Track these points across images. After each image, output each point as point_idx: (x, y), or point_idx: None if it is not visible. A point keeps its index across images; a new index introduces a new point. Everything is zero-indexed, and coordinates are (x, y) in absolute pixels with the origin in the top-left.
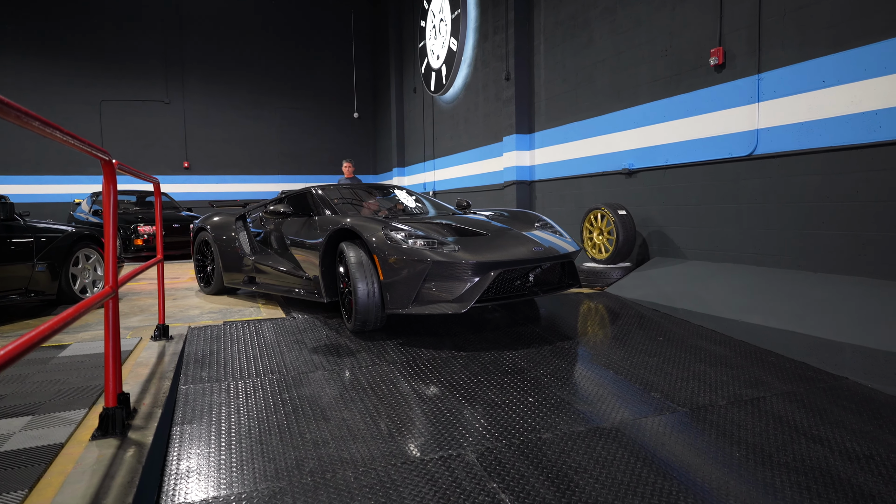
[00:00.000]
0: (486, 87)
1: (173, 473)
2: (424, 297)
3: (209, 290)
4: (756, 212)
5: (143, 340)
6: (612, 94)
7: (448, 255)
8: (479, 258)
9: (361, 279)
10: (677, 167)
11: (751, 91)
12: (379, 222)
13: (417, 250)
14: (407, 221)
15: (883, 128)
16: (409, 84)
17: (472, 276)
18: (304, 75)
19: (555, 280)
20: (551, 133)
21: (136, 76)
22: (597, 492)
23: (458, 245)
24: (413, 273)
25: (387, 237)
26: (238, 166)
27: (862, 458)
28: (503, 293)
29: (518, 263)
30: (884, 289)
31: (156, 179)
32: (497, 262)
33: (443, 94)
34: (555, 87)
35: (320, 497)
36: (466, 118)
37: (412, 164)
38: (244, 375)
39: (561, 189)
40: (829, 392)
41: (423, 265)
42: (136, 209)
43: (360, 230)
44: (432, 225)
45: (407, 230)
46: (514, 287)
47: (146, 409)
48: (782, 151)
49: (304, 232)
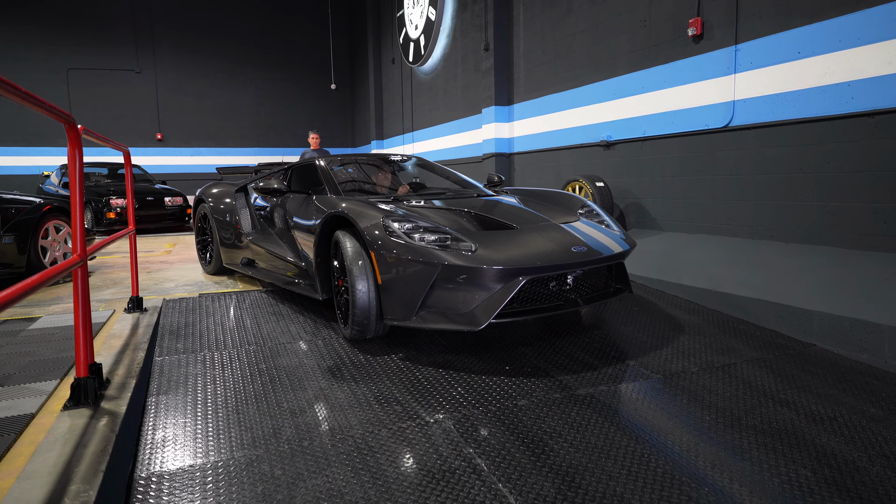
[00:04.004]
0: (465, 58)
1: (149, 443)
2: (431, 307)
3: (209, 269)
4: (731, 183)
5: (117, 313)
6: (591, 65)
7: (463, 257)
8: (504, 261)
9: (361, 277)
10: (654, 139)
11: (728, 62)
12: (378, 209)
13: (424, 249)
14: (417, 208)
15: (855, 99)
16: (388, 55)
17: (494, 283)
18: (280, 44)
19: (599, 284)
20: (530, 105)
21: (104, 43)
22: (571, 455)
23: (478, 242)
24: (417, 277)
25: (386, 229)
26: (213, 138)
27: (826, 419)
28: (532, 305)
29: (553, 269)
30: (851, 258)
31: (125, 147)
32: (526, 268)
33: (421, 64)
34: (534, 57)
35: (297, 464)
36: (445, 90)
37: (391, 137)
38: (220, 347)
39: (540, 161)
40: (797, 358)
41: (430, 268)
42: (108, 182)
43: (355, 218)
44: (448, 213)
45: (413, 221)
46: (547, 296)
47: (119, 380)
48: (757, 123)
49: (303, 213)
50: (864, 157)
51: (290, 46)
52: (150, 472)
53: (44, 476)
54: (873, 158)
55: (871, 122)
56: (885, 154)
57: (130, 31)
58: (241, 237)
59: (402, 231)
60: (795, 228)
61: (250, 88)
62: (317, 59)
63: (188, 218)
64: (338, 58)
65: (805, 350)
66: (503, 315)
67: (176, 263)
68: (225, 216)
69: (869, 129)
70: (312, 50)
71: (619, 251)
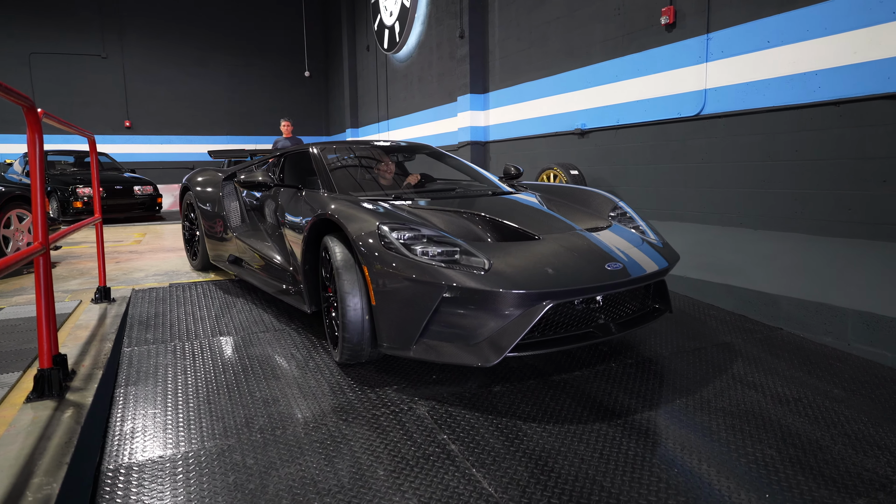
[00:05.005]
0: (440, 46)
1: (116, 434)
2: (434, 335)
3: (196, 264)
4: (703, 171)
5: (83, 303)
6: (566, 53)
7: (474, 277)
8: (524, 283)
9: (353, 292)
10: (628, 127)
11: (700, 51)
12: (373, 212)
13: (426, 265)
14: (420, 210)
15: (822, 88)
16: (362, 42)
17: (511, 309)
18: (253, 31)
19: (635, 303)
20: (506, 93)
21: (69, 28)
22: (544, 440)
23: (492, 257)
24: (418, 299)
25: (382, 239)
26: (184, 126)
27: (791, 401)
28: (555, 334)
29: (583, 292)
30: (817, 244)
31: (90, 133)
32: (551, 291)
33: (396, 52)
34: (509, 45)
35: (270, 453)
36: (420, 77)
37: (366, 125)
38: (192, 337)
39: (515, 149)
40: (764, 342)
41: (433, 290)
42: (75, 170)
43: (345, 224)
44: (457, 216)
45: (414, 229)
46: (573, 320)
47: (86, 371)
48: (728, 111)
49: (292, 209)
50: (829, 145)
51: (262, 32)
52: (118, 464)
53: (4, 469)
54: (838, 147)
55: (836, 111)
56: (849, 143)
57: (96, 16)
58: (227, 231)
59: (400, 241)
60: (764, 215)
61: (222, 75)
62: (290, 45)
63: (158, 207)
64: (311, 44)
65: (772, 334)
66: (521, 347)
67: (146, 253)
68: (211, 207)
69: (834, 118)
70: (286, 36)
71: (661, 268)
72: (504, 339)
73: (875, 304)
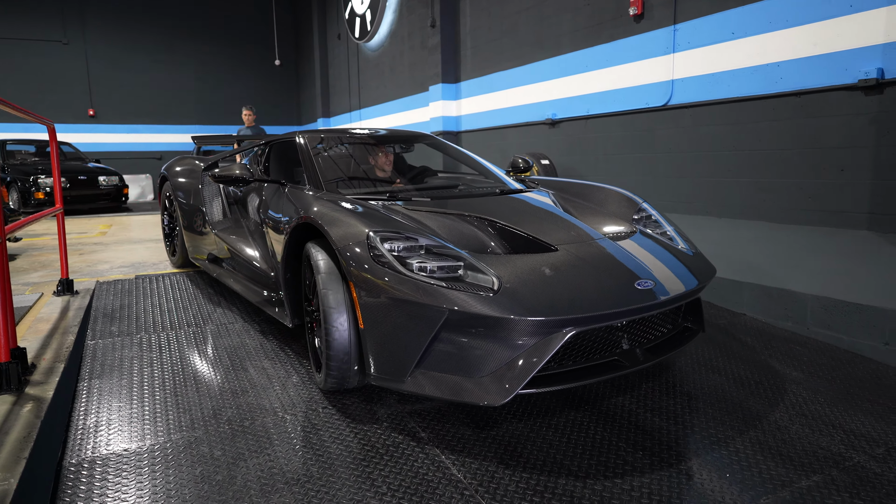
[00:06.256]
0: (411, 35)
1: (79, 428)
2: (432, 366)
3: (175, 261)
4: (670, 161)
5: (45, 296)
6: (537, 43)
7: (481, 300)
8: (540, 307)
9: (338, 308)
10: (597, 117)
11: (667, 42)
12: (363, 217)
13: (424, 284)
14: (418, 212)
15: (784, 79)
16: (333, 30)
17: (524, 338)
18: (221, 18)
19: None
20: (477, 82)
21: (26, 12)
22: (513, 426)
23: (502, 273)
24: (414, 325)
25: (371, 251)
26: (151, 115)
27: (753, 384)
28: (574, 364)
29: (609, 318)
30: (779, 231)
31: (49, 121)
32: (574, 318)
33: (368, 41)
34: (481, 35)
35: (238, 444)
36: (392, 67)
37: (338, 115)
38: (158, 329)
39: (486, 139)
40: (728, 327)
41: (431, 314)
42: (36, 160)
43: (329, 231)
44: (461, 221)
45: (411, 238)
46: (594, 345)
47: (46, 365)
48: (694, 102)
49: (275, 206)
50: (791, 135)
51: (231, 20)
52: (80, 459)
53: None
54: (799, 137)
55: (797, 102)
56: (810, 132)
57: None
58: (207, 226)
59: (393, 254)
60: (729, 204)
61: (190, 63)
62: (260, 33)
63: (125, 198)
64: (281, 33)
65: (736, 320)
66: (535, 382)
67: (112, 245)
68: (190, 199)
69: (796, 109)
70: (255, 24)
71: (697, 285)
72: (515, 374)
73: (833, 290)
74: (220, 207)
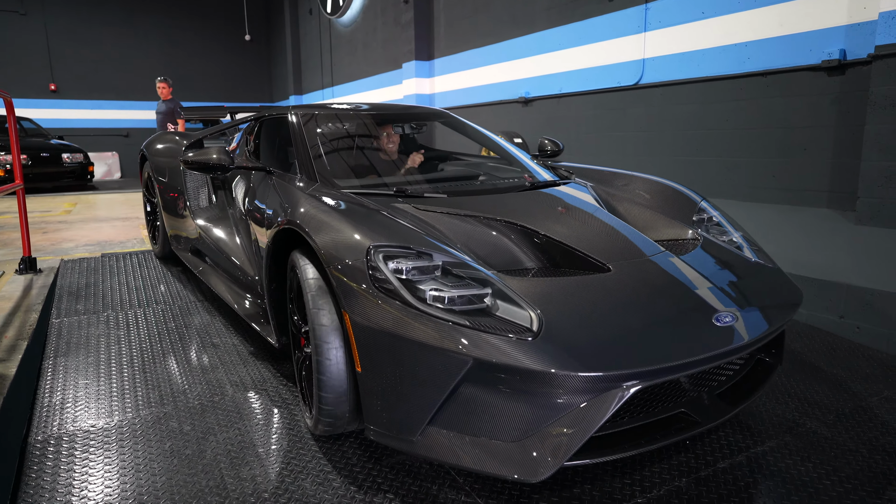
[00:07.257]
0: (384, 11)
1: (45, 405)
2: (451, 423)
3: (157, 250)
4: (641, 140)
5: (7, 275)
6: (510, 20)
7: (515, 346)
8: (597, 358)
9: (331, 337)
10: (570, 96)
11: (639, 20)
12: (362, 224)
13: (440, 323)
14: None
15: (752, 59)
16: (305, 4)
17: (572, 396)
18: None
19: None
20: (451, 60)
21: None
22: None
23: (542, 307)
24: (428, 374)
25: (371, 274)
26: (117, 91)
27: None
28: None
29: (684, 367)
30: (745, 210)
31: (6, 94)
32: (639, 372)
33: (340, 16)
34: (454, 11)
35: (208, 419)
36: (365, 43)
37: (311, 92)
38: (126, 307)
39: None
40: None
41: (451, 363)
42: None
43: (316, 241)
44: (484, 227)
45: (423, 256)
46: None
47: (8, 343)
48: (665, 81)
49: (261, 196)
50: (757, 115)
51: None
52: (46, 436)
53: None
54: (765, 116)
55: (764, 81)
56: (775, 112)
57: None
58: (188, 213)
59: (399, 277)
60: (698, 182)
61: (155, 37)
62: (229, 6)
63: (90, 176)
64: (252, 6)
65: None
66: (586, 454)
67: (76, 223)
68: (171, 183)
69: (762, 88)
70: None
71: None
72: (559, 441)
73: (791, 266)
74: (204, 193)
